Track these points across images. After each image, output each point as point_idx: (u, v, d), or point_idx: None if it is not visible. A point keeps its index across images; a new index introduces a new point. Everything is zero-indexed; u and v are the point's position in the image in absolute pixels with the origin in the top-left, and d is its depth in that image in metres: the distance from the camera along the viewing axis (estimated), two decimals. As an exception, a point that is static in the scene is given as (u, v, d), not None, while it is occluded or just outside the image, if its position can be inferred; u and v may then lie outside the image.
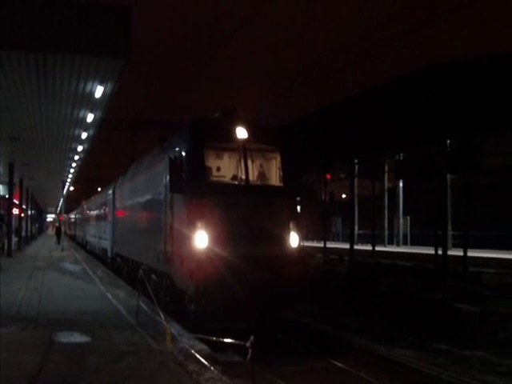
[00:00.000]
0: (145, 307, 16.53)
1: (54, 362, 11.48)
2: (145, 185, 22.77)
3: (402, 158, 36.83)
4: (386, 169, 43.08)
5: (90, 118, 24.95)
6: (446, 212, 31.54)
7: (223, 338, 11.56)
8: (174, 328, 14.02)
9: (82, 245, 62.72)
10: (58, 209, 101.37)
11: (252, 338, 10.25)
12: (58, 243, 61.29)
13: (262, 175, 17.80)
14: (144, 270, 20.62)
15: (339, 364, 14.60)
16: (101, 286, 24.58)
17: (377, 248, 37.81)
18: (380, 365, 14.64)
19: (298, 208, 18.68)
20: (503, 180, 42.09)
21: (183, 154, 17.02)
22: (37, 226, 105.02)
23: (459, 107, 24.07)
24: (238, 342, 10.77)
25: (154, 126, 58.40)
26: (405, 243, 45.59)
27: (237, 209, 16.19)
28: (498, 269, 24.79)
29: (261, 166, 17.93)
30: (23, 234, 60.08)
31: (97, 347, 12.77)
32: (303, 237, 18.03)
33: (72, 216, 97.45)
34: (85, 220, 60.87)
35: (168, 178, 17.57)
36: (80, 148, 34.87)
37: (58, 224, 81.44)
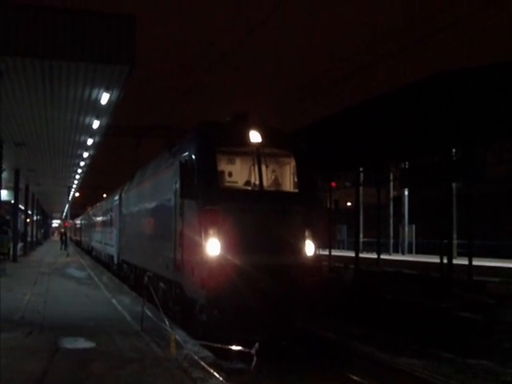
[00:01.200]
0: (149, 314, 16.52)
1: (58, 367, 11.49)
2: (153, 191, 22.24)
3: (407, 166, 36.86)
4: (392, 177, 43.09)
5: (95, 124, 24.99)
6: (452, 221, 31.54)
7: (228, 344, 11.59)
8: (178, 335, 14.02)
9: (88, 251, 62.46)
10: (64, 214, 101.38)
11: (257, 345, 10.32)
12: (64, 249, 61.34)
13: (276, 181, 17.33)
14: (150, 277, 20.54)
15: (345, 372, 14.56)
16: (106, 292, 24.59)
17: (382, 256, 37.87)
18: (384, 373, 14.60)
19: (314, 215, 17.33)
20: (505, 189, 42.12)
21: (194, 158, 16.31)
22: (42, 231, 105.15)
23: (463, 116, 24.10)
24: (242, 349, 10.83)
25: (158, 132, 58.55)
26: (410, 251, 45.62)
27: (250, 216, 15.66)
28: (503, 278, 24.78)
29: (275, 171, 17.44)
30: (28, 239, 60.15)
31: (101, 353, 12.76)
32: (318, 245, 17.16)
33: (77, 222, 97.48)
34: (90, 226, 60.45)
35: (178, 183, 17.00)
36: (86, 154, 34.93)
37: (63, 230, 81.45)
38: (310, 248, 16.17)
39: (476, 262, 26.39)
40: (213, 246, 15.01)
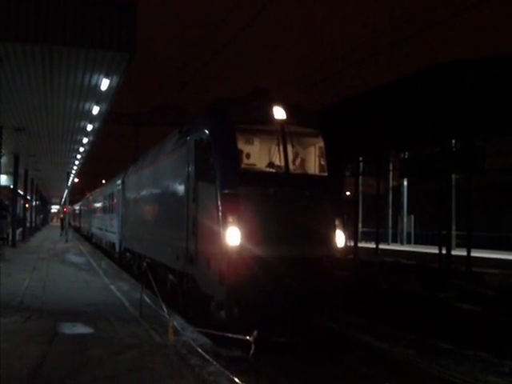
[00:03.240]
0: (148, 300, 16.54)
1: (57, 352, 11.53)
2: (161, 174, 20.61)
3: (407, 156, 36.85)
4: (391, 167, 43.08)
5: (95, 110, 25.02)
6: (451, 212, 31.57)
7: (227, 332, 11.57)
8: (177, 321, 14.07)
9: (87, 237, 62.17)
10: (63, 200, 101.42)
11: (255, 332, 10.24)
12: (62, 235, 61.39)
13: (303, 163, 15.87)
14: (149, 265, 20.26)
15: (343, 361, 14.52)
16: (104, 278, 24.65)
17: (380, 246, 37.86)
18: (381, 362, 14.61)
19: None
20: (503, 181, 42.17)
21: (211, 136, 14.83)
22: (41, 216, 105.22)
23: (464, 107, 24.10)
24: (241, 336, 10.80)
25: (158, 120, 58.58)
26: (408, 242, 45.62)
27: (275, 202, 14.20)
28: (502, 269, 24.81)
29: (301, 152, 16.01)
30: (27, 224, 60.18)
31: (100, 339, 12.81)
32: (347, 236, 15.24)
33: (77, 207, 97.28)
34: (90, 212, 59.50)
35: (192, 164, 15.73)
36: (85, 140, 34.95)
37: (62, 215, 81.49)
38: (340, 239, 14.90)
39: (475, 254, 26.42)
40: (233, 236, 13.55)
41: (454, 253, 27.18)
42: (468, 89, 23.68)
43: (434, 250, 28.24)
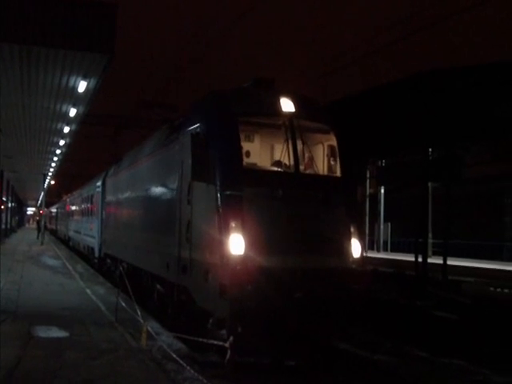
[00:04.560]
0: (124, 304, 16.46)
1: (32, 356, 11.46)
2: (149, 173, 18.87)
3: (384, 164, 36.94)
4: (368, 175, 43.16)
5: (72, 112, 24.83)
6: (427, 220, 31.71)
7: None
8: (152, 326, 14.00)
9: (64, 240, 61.36)
10: (39, 202, 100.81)
11: (231, 338, 10.26)
12: (38, 237, 61.06)
13: (314, 162, 14.08)
14: (124, 268, 20.19)
15: (320, 368, 14.46)
16: (80, 282, 24.53)
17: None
18: (360, 369, 14.58)
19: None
20: (480, 190, 42.46)
21: (210, 129, 13.29)
22: (17, 218, 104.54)
23: (442, 116, 24.22)
24: (217, 342, 10.81)
25: (139, 123, 58.34)
26: (385, 249, 45.75)
27: (284, 205, 12.64)
28: (478, 278, 24.93)
29: (312, 150, 14.20)
30: (3, 226, 59.77)
31: (75, 343, 12.75)
32: (364, 244, 13.71)
33: (53, 210, 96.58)
34: (68, 214, 58.35)
35: (186, 162, 13.94)
36: (62, 142, 34.70)
37: (38, 218, 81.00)
38: (356, 248, 13.36)
39: (451, 262, 26.53)
40: (236, 243, 11.88)
41: (430, 261, 27.22)
42: (448, 97, 23.81)
43: (411, 258, 28.30)
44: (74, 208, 51.71)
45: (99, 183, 32.12)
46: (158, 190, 17.51)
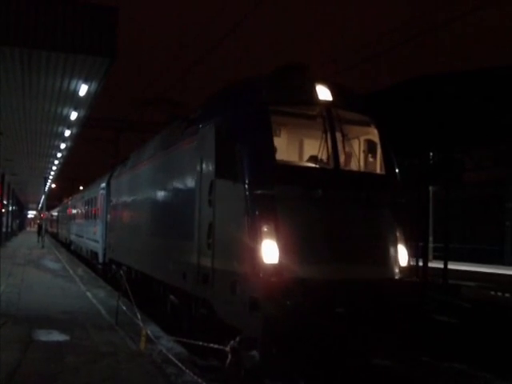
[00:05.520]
0: (124, 308, 16.45)
1: (32, 359, 11.43)
2: (161, 172, 17.15)
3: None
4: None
5: (73, 115, 24.86)
6: (428, 224, 31.72)
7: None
8: (152, 330, 13.98)
9: (65, 244, 60.67)
10: (40, 206, 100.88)
11: (232, 342, 10.22)
12: (39, 241, 61.09)
13: (355, 158, 12.58)
14: (125, 272, 19.85)
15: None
16: (81, 285, 24.50)
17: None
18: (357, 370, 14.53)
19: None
20: (480, 194, 42.47)
21: (239, 121, 11.82)
22: (17, 222, 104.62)
23: (444, 120, 24.24)
24: (218, 346, 10.76)
25: (138, 126, 58.32)
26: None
27: (322, 206, 11.09)
28: (478, 282, 24.93)
29: (353, 144, 12.74)
30: (4, 229, 59.80)
31: (75, 346, 12.71)
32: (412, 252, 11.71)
33: (55, 213, 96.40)
34: (69, 218, 57.06)
35: (209, 158, 12.44)
36: (63, 145, 34.72)
37: (39, 221, 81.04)
38: (403, 255, 11.75)
39: (452, 266, 26.51)
40: (269, 251, 10.35)
41: (431, 265, 27.25)
42: (447, 101, 23.82)
43: (412, 263, 28.33)
44: (76, 211, 50.27)
45: (103, 185, 30.74)
46: (171, 191, 15.90)
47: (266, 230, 10.45)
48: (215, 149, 12.13)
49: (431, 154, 28.37)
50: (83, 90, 20.24)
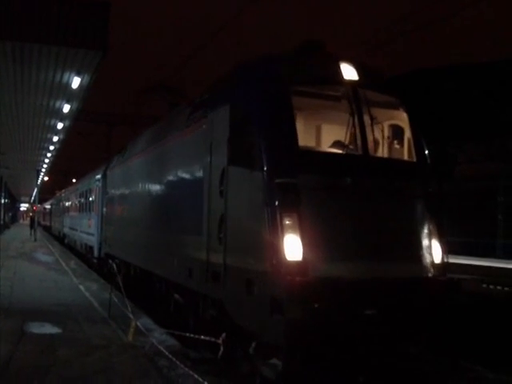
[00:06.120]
0: (116, 300, 16.45)
1: (24, 352, 11.44)
2: (164, 160, 15.84)
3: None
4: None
5: (66, 108, 24.83)
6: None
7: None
8: (144, 322, 14.01)
9: (59, 238, 60.28)
10: (32, 199, 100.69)
11: (224, 334, 10.10)
12: (32, 234, 60.96)
13: (385, 143, 11.56)
14: (118, 265, 19.47)
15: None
16: (73, 278, 24.48)
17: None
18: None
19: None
20: (473, 188, 42.58)
21: (255, 103, 10.58)
22: (10, 215, 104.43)
23: (436, 114, 24.30)
24: (209, 338, 10.68)
25: (130, 121, 58.31)
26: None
27: (351, 197, 9.96)
28: (472, 275, 24.98)
29: (381, 128, 11.54)
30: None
31: (68, 339, 12.72)
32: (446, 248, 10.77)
33: (47, 206, 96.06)
34: (63, 210, 56.31)
35: (221, 143, 11.19)
36: (55, 138, 34.67)
37: (31, 214, 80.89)
38: (437, 251, 10.60)
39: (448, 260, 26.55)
40: (292, 247, 9.18)
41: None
42: (443, 96, 23.88)
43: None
44: (69, 203, 49.59)
45: (99, 176, 29.58)
46: (175, 181, 14.64)
47: (288, 223, 9.30)
48: (229, 133, 10.91)
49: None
50: (76, 82, 20.22)
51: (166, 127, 16.69)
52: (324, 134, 11.85)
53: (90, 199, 33.54)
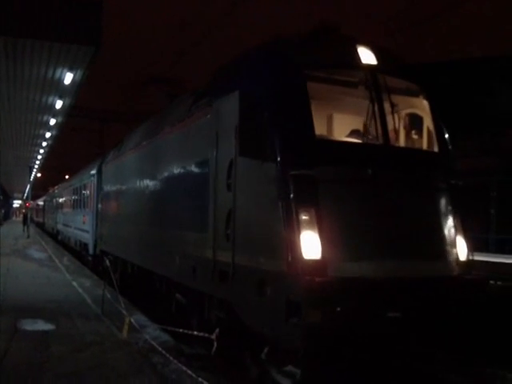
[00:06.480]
0: (110, 297, 16.40)
1: (18, 349, 11.40)
2: (164, 153, 15.04)
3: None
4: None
5: (58, 104, 24.80)
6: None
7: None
8: (138, 319, 13.97)
9: (52, 234, 59.89)
10: (25, 195, 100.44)
11: (217, 330, 9.99)
12: (25, 230, 60.82)
13: (406, 132, 10.90)
14: (114, 263, 19.23)
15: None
16: (66, 274, 24.43)
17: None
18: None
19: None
20: (466, 183, 42.68)
21: (267, 89, 9.73)
22: (3, 211, 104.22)
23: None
24: (203, 334, 10.64)
25: (123, 117, 58.19)
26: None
27: (373, 190, 9.21)
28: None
29: (401, 116, 10.86)
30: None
31: (61, 335, 12.70)
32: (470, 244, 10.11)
33: (40, 202, 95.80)
34: (56, 206, 55.83)
35: (227, 133, 10.44)
36: (48, 135, 34.62)
37: (24, 211, 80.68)
38: (462, 248, 9.86)
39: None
40: (310, 244, 8.41)
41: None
42: (438, 90, 23.93)
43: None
44: (63, 199, 48.93)
45: (94, 171, 28.74)
46: (177, 174, 13.68)
47: (305, 218, 8.53)
48: (239, 121, 10.06)
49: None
50: (68, 78, 20.21)
51: (166, 119, 15.73)
52: (340, 122, 10.91)
53: (85, 195, 32.69)
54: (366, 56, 10.08)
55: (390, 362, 9.41)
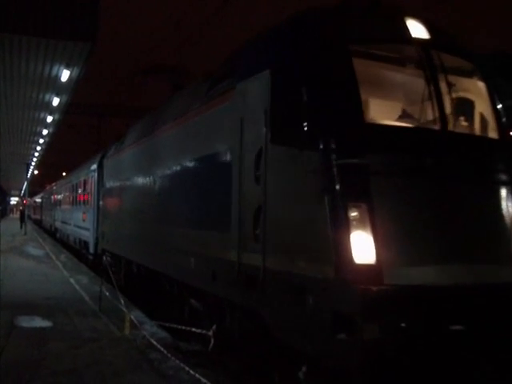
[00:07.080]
0: (107, 294, 16.39)
1: (15, 346, 11.41)
2: (177, 143, 13.36)
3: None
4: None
5: (55, 101, 24.78)
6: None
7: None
8: (136, 315, 13.96)
9: (50, 232, 59.34)
10: (22, 192, 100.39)
11: (214, 326, 9.91)
12: (22, 227, 60.76)
13: (464, 117, 9.05)
14: (117, 261, 19.05)
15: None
16: (64, 271, 24.43)
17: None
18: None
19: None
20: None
21: (306, 66, 8.28)
22: (0, 208, 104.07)
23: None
24: (200, 330, 10.62)
25: (121, 113, 58.05)
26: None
27: (434, 182, 7.77)
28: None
29: (458, 98, 8.95)
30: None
31: (59, 332, 12.69)
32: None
33: (38, 199, 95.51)
34: (54, 203, 54.65)
35: (254, 118, 9.00)
36: (45, 132, 34.59)
37: (21, 208, 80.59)
38: None
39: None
40: (362, 246, 7.04)
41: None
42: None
43: None
44: (61, 196, 47.27)
45: (94, 166, 27.50)
46: (193, 166, 12.09)
47: (355, 215, 7.19)
48: (270, 104, 8.61)
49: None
50: (65, 75, 20.19)
51: (176, 108, 14.18)
52: (389, 104, 9.06)
53: (85, 191, 31.43)
54: (417, 29, 8.66)
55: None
